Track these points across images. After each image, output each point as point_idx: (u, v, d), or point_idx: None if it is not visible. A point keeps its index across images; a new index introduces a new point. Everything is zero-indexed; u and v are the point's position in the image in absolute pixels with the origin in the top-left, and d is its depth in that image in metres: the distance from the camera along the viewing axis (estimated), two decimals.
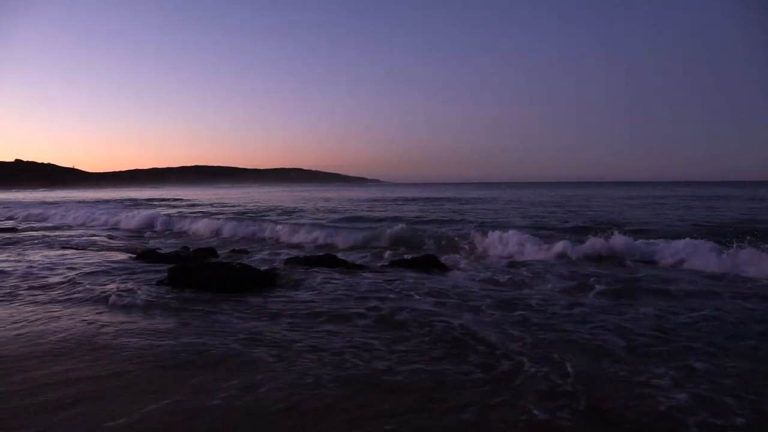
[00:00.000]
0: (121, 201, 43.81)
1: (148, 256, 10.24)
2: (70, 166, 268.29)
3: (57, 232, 16.37)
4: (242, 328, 5.13)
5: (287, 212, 24.47)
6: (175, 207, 33.36)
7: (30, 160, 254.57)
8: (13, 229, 17.48)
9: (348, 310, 5.71)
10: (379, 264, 9.61)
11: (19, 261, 9.62)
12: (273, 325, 5.27)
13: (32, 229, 18.03)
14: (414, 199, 37.92)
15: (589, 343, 4.55)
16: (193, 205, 34.52)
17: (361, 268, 8.95)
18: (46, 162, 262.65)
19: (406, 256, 9.97)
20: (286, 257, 10.29)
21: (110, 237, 15.35)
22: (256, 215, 22.66)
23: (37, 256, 10.42)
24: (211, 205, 34.86)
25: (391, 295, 6.49)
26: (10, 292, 6.86)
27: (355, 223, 18.21)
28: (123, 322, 5.34)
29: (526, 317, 5.40)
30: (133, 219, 17.16)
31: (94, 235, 15.54)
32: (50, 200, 46.89)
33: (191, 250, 11.62)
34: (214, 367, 3.99)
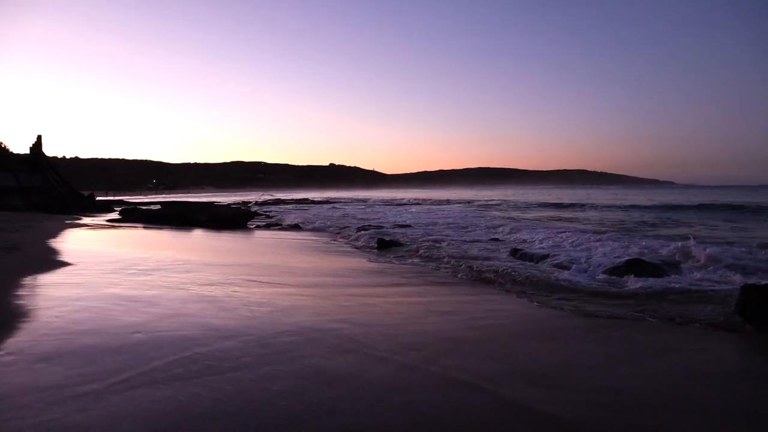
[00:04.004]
0: (469, 202, 45.01)
1: None
2: (371, 169, 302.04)
3: None
4: None
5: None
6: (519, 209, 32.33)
7: (340, 164, 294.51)
8: None
9: None
10: None
11: None
12: None
13: None
14: None
15: None
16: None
17: None
18: (352, 165, 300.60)
19: None
20: None
21: None
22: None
23: None
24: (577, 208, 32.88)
25: None
26: None
27: None
28: None
29: None
30: None
31: None
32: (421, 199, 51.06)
33: None
34: None
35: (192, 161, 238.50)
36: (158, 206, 29.57)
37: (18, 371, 3.26)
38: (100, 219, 21.53)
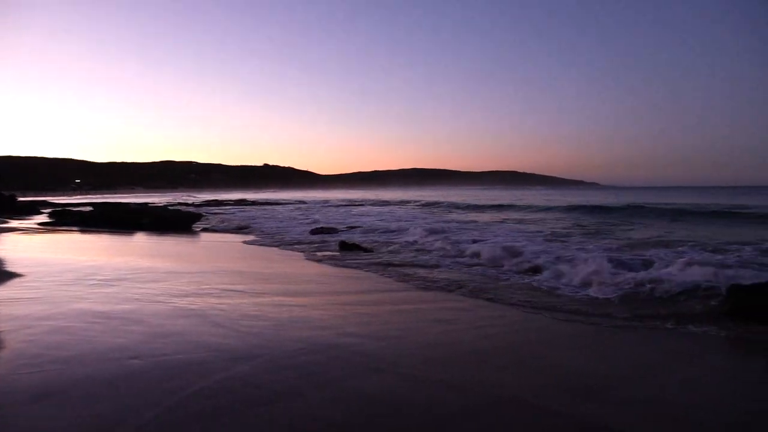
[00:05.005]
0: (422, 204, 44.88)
1: None
2: (305, 169, 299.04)
3: None
4: None
5: None
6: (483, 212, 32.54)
7: (275, 164, 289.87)
8: None
9: None
10: None
11: None
12: None
13: None
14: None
15: None
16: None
17: None
18: (287, 166, 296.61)
19: None
20: None
21: None
22: None
23: None
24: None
25: None
26: None
27: None
28: None
29: None
30: None
31: None
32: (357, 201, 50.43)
33: None
34: None
35: (119, 160, 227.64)
36: (89, 208, 27.77)
37: (13, 418, 2.71)
38: (30, 222, 19.89)
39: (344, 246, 12.81)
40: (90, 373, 3.35)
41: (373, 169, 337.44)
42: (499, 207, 32.96)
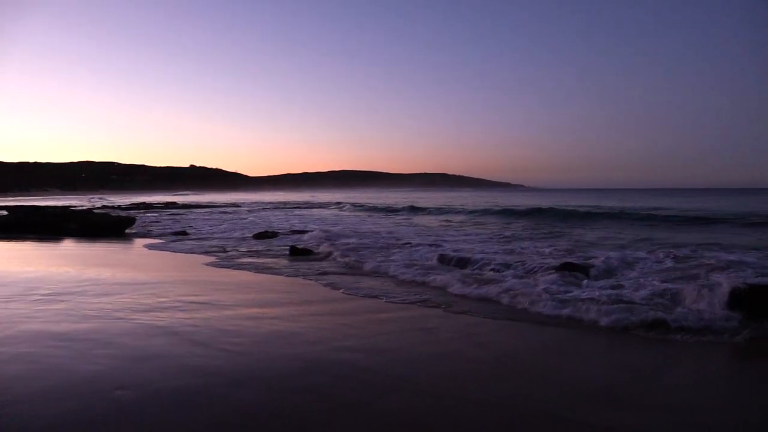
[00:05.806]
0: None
1: None
2: (234, 171, 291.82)
3: None
4: None
5: None
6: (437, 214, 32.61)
7: (202, 165, 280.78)
8: None
9: None
10: None
11: None
12: None
13: None
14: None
15: None
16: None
17: None
18: (215, 167, 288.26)
19: None
20: None
21: None
22: None
23: None
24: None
25: None
26: None
27: None
28: None
29: None
30: None
31: None
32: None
33: None
34: None
35: (31, 160, 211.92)
36: (3, 212, 25.68)
37: None
38: None
39: (295, 251, 12.41)
40: (74, 410, 2.91)
41: (302, 171, 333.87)
42: (441, 210, 32.92)
